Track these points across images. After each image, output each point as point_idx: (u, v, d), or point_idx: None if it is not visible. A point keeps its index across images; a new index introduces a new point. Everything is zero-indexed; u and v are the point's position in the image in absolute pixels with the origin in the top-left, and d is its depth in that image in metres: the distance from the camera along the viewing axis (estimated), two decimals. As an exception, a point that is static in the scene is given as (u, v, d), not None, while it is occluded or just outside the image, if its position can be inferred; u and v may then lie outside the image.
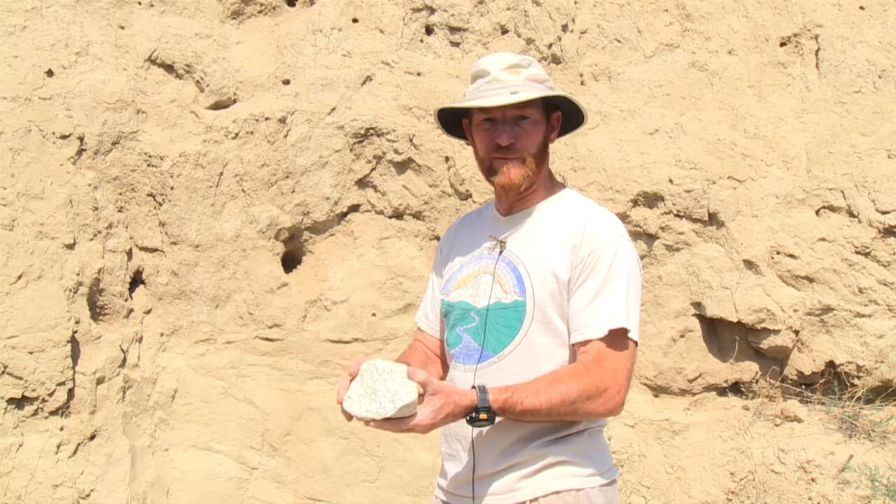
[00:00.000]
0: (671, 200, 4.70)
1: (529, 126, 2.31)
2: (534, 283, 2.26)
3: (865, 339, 4.57)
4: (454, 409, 2.08)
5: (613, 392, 2.17)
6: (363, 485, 4.65)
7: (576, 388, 2.13)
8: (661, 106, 4.86)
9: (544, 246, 2.29)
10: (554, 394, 2.12)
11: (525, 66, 2.32)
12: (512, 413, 2.12)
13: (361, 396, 2.10)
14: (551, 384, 2.14)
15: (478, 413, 2.09)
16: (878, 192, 4.58)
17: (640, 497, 4.56)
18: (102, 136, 4.59)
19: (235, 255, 4.72)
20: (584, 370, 2.16)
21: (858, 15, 4.89)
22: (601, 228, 2.26)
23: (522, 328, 2.26)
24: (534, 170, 2.33)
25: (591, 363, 2.17)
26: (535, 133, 2.32)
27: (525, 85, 2.29)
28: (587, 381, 2.15)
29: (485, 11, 4.95)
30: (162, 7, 4.93)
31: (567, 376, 2.16)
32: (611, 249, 2.22)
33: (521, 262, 2.30)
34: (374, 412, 2.07)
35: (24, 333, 4.13)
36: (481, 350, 2.31)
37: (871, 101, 4.75)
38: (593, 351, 2.18)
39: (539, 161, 2.34)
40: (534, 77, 2.31)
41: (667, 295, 4.76)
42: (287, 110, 4.78)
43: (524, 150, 2.31)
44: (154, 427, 4.57)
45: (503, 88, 2.28)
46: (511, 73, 2.29)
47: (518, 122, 2.30)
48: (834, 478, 4.36)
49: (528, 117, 2.31)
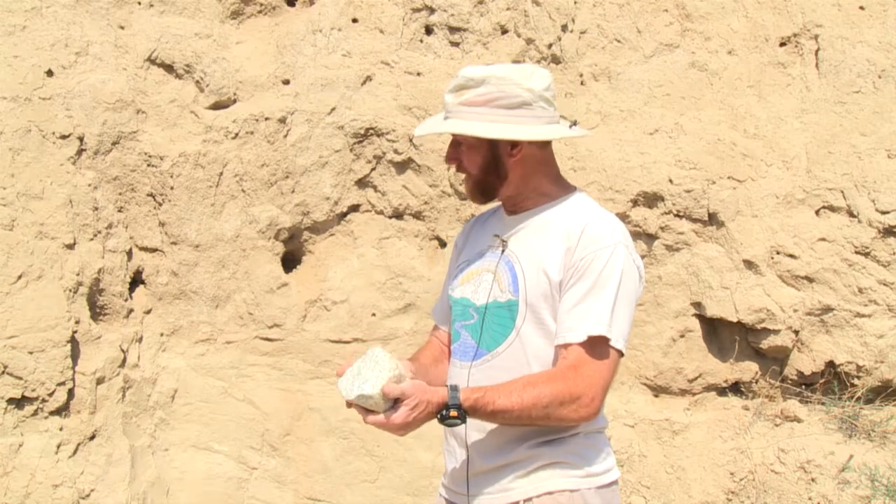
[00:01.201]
0: (671, 200, 4.70)
1: (466, 149, 2.33)
2: (527, 283, 2.26)
3: (865, 339, 4.57)
4: (427, 408, 2.08)
5: (587, 400, 2.15)
6: (363, 485, 4.65)
7: (549, 392, 2.12)
8: (661, 106, 4.87)
9: (541, 246, 2.29)
10: (526, 396, 2.11)
11: (472, 86, 2.26)
12: (483, 413, 2.12)
13: (351, 376, 2.14)
14: (525, 387, 2.13)
15: (448, 411, 2.08)
16: (877, 192, 4.58)
17: (639, 497, 4.56)
18: (102, 136, 4.59)
19: (235, 255, 4.72)
20: (559, 375, 2.15)
21: (858, 15, 4.89)
22: (599, 233, 2.23)
23: (515, 327, 2.27)
24: (484, 184, 2.34)
25: (568, 369, 2.15)
26: (472, 155, 2.32)
27: (457, 110, 2.27)
28: (561, 387, 2.13)
29: (484, 11, 4.95)
30: (162, 7, 4.93)
31: (542, 380, 2.14)
32: (604, 255, 2.19)
33: (518, 262, 2.31)
34: (346, 391, 2.12)
35: (24, 333, 4.13)
36: (477, 347, 2.32)
37: (870, 101, 4.75)
38: (572, 357, 2.17)
39: (489, 175, 2.32)
40: (473, 101, 2.25)
41: (667, 295, 4.76)
42: (287, 110, 4.78)
43: (467, 169, 2.35)
44: (154, 427, 4.57)
45: (439, 115, 2.34)
46: (455, 95, 2.29)
47: (457, 145, 2.34)
48: (834, 478, 4.36)
49: (462, 143, 2.32)
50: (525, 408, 2.11)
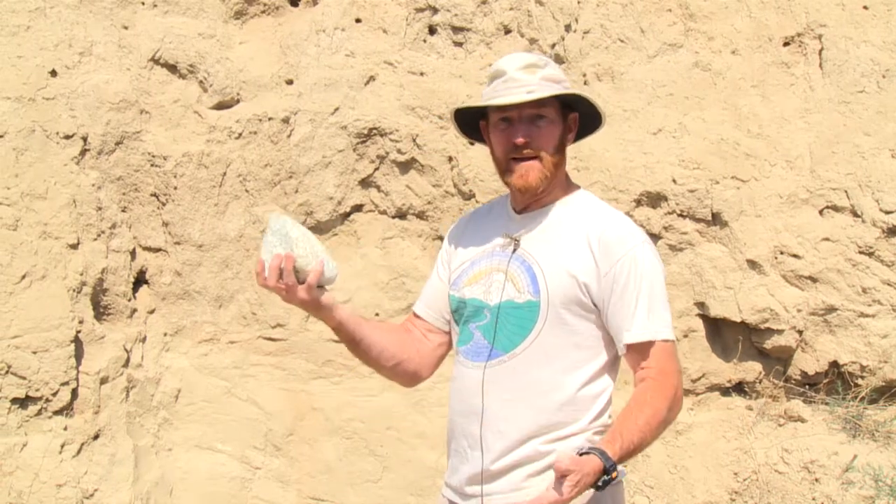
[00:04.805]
0: (674, 200, 4.70)
1: (546, 125, 2.29)
2: (549, 284, 2.25)
3: (869, 339, 4.57)
4: (584, 480, 2.05)
5: (680, 395, 2.25)
6: (366, 485, 4.65)
7: (662, 406, 2.19)
8: (665, 106, 4.86)
9: (561, 247, 2.28)
10: (649, 419, 2.17)
11: (542, 66, 2.31)
12: (629, 456, 2.15)
13: (279, 244, 2.18)
14: (641, 409, 2.18)
15: (609, 475, 2.07)
16: (881, 191, 4.57)
17: (643, 497, 4.56)
18: (106, 136, 4.59)
19: (239, 255, 4.72)
20: (659, 386, 2.21)
21: (862, 15, 4.88)
22: (623, 234, 2.28)
23: (535, 328, 2.26)
24: (551, 170, 2.31)
25: (659, 374, 2.22)
26: (551, 132, 2.30)
27: (541, 84, 2.27)
28: (666, 395, 2.20)
29: (488, 11, 4.95)
30: (165, 7, 4.93)
31: (649, 396, 2.20)
32: (637, 255, 2.25)
33: (536, 262, 2.29)
34: (329, 269, 2.22)
35: (28, 333, 4.14)
36: (491, 348, 2.30)
37: (874, 101, 4.74)
38: (654, 362, 2.23)
39: (557, 161, 2.32)
40: (550, 77, 2.30)
41: (670, 295, 4.68)
42: (290, 110, 4.78)
43: (541, 149, 2.29)
44: (157, 427, 4.57)
45: (519, 88, 2.26)
46: (527, 72, 2.28)
47: (534, 122, 2.28)
48: (838, 478, 4.36)
49: (545, 116, 2.29)
50: (652, 429, 2.17)
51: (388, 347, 2.44)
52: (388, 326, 2.56)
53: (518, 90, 2.26)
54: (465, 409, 2.32)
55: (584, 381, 2.27)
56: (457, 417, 2.37)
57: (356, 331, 2.36)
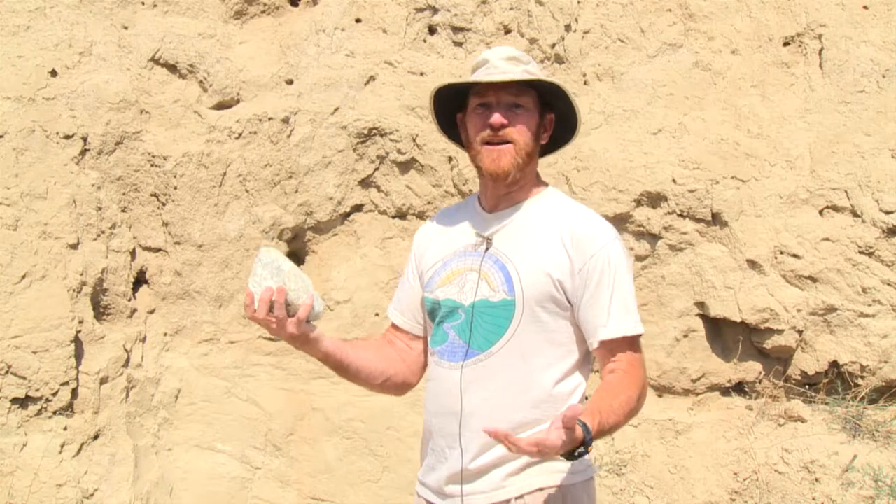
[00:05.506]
0: (674, 200, 4.70)
1: (523, 113, 2.30)
2: (524, 283, 2.26)
3: (869, 339, 4.57)
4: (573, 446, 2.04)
5: (647, 386, 2.30)
6: (366, 484, 4.65)
7: (634, 394, 2.22)
8: (665, 106, 4.86)
9: (534, 245, 2.29)
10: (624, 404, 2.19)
11: (525, 61, 2.33)
12: (601, 436, 2.15)
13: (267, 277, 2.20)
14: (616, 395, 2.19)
15: (585, 447, 2.04)
16: (881, 191, 4.57)
17: (643, 497, 4.56)
18: (106, 136, 4.59)
19: (239, 255, 4.73)
20: (630, 376, 2.25)
21: (862, 14, 4.88)
22: (594, 232, 2.29)
23: (511, 327, 2.26)
24: (524, 158, 2.31)
25: (629, 366, 2.26)
26: (528, 120, 2.31)
27: (523, 76, 2.30)
28: (637, 385, 2.24)
29: (488, 11, 4.96)
30: (165, 7, 4.93)
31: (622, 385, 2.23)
32: (609, 252, 2.26)
33: (510, 261, 2.29)
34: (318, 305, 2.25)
35: (28, 333, 4.14)
36: (467, 347, 2.31)
37: (874, 101, 4.74)
38: (623, 355, 2.26)
39: (529, 151, 2.33)
40: (532, 73, 2.32)
41: (670, 295, 4.75)
42: (290, 110, 4.78)
43: (516, 135, 2.29)
44: (157, 427, 4.57)
45: (502, 74, 2.28)
46: (510, 63, 2.31)
47: (512, 108, 2.30)
48: (838, 478, 4.36)
49: (522, 105, 2.30)
50: (625, 413, 2.19)
51: (375, 367, 2.48)
52: (371, 345, 2.56)
53: (500, 76, 2.28)
54: (443, 409, 2.33)
55: (559, 378, 2.29)
56: (434, 418, 2.37)
57: (342, 359, 2.41)
